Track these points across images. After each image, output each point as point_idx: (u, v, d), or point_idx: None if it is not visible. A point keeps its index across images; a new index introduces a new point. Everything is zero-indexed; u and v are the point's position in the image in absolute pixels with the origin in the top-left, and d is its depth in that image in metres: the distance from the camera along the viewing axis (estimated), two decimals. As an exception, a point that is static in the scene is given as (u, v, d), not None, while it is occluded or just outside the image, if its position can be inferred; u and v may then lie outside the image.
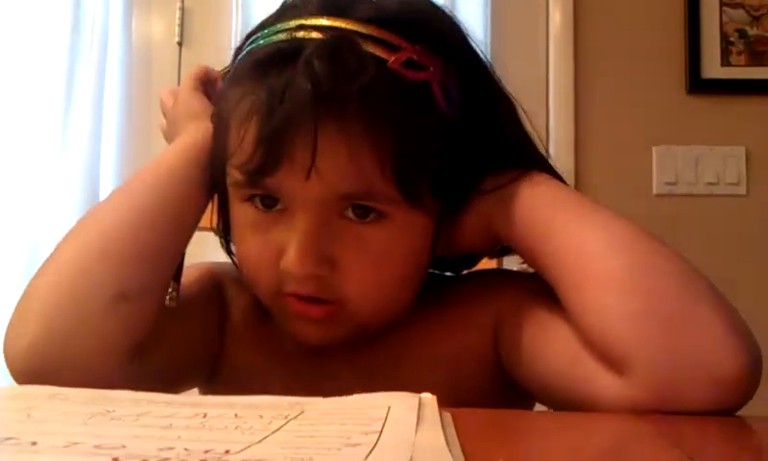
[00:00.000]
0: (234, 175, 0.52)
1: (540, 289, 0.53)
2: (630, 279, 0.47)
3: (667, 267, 0.47)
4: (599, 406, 0.46)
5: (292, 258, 0.50)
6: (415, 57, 0.51)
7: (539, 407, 0.59)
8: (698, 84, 1.85)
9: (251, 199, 0.53)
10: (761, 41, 1.87)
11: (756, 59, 1.87)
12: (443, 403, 0.36)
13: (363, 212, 0.51)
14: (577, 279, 0.49)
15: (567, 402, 0.49)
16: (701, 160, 1.84)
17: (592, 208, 0.52)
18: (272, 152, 0.49)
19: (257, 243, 0.53)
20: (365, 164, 0.49)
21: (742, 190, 1.84)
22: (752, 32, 1.87)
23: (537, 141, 0.59)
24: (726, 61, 1.87)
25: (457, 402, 0.54)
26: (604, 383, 0.46)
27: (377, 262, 0.52)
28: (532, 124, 0.59)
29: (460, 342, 0.58)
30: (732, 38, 1.87)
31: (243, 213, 0.54)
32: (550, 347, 0.51)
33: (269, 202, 0.52)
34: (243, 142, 0.50)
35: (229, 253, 0.62)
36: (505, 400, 0.58)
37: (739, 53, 1.87)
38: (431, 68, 0.52)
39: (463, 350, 0.58)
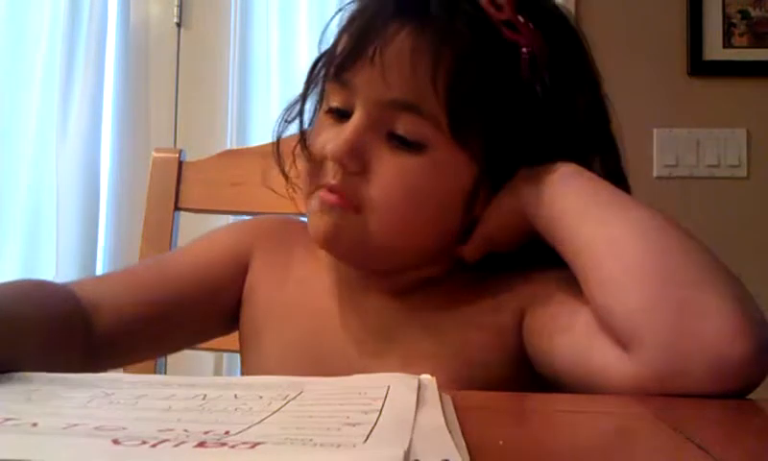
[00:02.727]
0: (328, 74, 0.59)
1: (568, 278, 0.54)
2: (645, 269, 0.48)
3: (684, 258, 0.48)
4: (605, 380, 0.48)
5: (332, 144, 0.55)
6: (512, 19, 0.56)
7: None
8: (699, 66, 1.84)
9: (329, 111, 0.58)
10: (764, 22, 1.86)
11: (758, 40, 1.86)
12: (466, 387, 0.36)
13: (406, 141, 0.55)
14: (596, 267, 0.50)
15: (578, 379, 0.51)
16: (702, 143, 1.83)
17: (618, 199, 0.54)
18: (357, 42, 0.56)
19: (319, 139, 0.58)
20: (422, 76, 0.54)
21: (743, 172, 1.84)
22: (754, 13, 1.86)
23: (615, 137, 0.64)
24: (728, 43, 1.85)
25: (482, 388, 0.55)
26: (612, 356, 0.48)
27: (406, 184, 0.55)
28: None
29: (490, 328, 0.58)
30: (734, 20, 1.86)
31: (321, 122, 0.60)
32: (568, 325, 0.53)
33: (341, 113, 0.57)
34: (341, 40, 0.58)
35: None
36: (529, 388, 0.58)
37: (741, 34, 1.86)
38: (524, 36, 0.56)
39: (493, 336, 0.58)
